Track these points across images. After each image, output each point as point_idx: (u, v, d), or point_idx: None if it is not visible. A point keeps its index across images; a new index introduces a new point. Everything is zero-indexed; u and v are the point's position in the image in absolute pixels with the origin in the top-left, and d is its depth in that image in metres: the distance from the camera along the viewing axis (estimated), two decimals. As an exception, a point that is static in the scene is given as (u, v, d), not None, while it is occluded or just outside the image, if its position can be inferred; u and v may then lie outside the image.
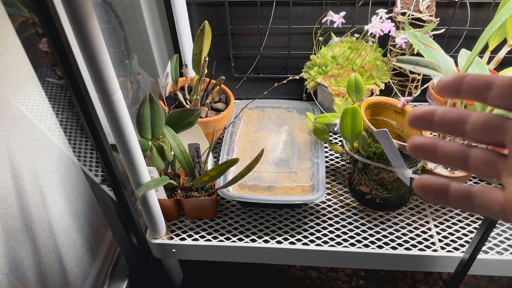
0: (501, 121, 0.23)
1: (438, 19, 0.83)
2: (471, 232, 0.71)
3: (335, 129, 0.91)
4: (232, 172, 0.78)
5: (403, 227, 0.72)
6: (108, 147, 0.53)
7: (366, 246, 0.69)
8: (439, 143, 0.24)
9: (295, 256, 0.71)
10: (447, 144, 0.24)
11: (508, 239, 0.69)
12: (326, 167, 0.85)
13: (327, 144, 0.81)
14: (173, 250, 0.72)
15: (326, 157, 0.87)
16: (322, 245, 0.69)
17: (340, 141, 0.91)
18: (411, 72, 0.88)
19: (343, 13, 0.80)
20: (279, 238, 0.71)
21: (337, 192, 0.79)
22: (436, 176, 0.25)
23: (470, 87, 0.23)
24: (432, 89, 0.90)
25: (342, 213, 0.75)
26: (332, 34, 0.91)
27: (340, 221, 0.74)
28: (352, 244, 0.69)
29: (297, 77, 0.84)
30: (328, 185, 0.81)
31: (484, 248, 0.68)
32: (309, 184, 0.73)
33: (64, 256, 0.68)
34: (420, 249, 0.68)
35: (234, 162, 0.64)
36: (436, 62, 0.58)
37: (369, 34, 0.79)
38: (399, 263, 0.69)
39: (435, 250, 0.68)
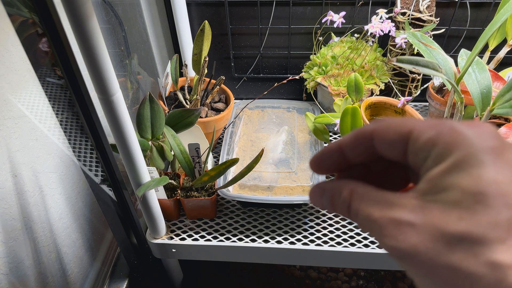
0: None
1: (438, 19, 0.83)
2: (471, 232, 0.71)
3: (335, 129, 0.91)
4: (232, 172, 0.78)
5: (403, 227, 0.72)
6: (108, 147, 0.53)
7: (366, 246, 0.69)
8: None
9: (295, 256, 0.71)
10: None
11: (508, 239, 0.69)
12: (326, 167, 0.85)
13: (327, 144, 0.81)
14: (173, 250, 0.72)
15: (326, 157, 0.87)
16: (322, 245, 0.69)
17: (340, 141, 0.91)
18: (411, 72, 0.88)
19: (343, 13, 0.80)
20: (279, 238, 0.71)
21: (337, 192, 0.79)
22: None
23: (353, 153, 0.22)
24: (432, 89, 0.90)
25: (342, 213, 0.75)
26: (332, 34, 0.91)
27: (340, 221, 0.74)
28: (352, 244, 0.69)
29: (297, 77, 0.84)
30: (328, 185, 0.81)
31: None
32: (309, 184, 0.73)
33: (64, 256, 0.68)
34: (420, 249, 0.68)
35: (234, 162, 0.64)
36: (436, 62, 0.58)
37: (369, 34, 0.79)
38: (399, 263, 0.69)
39: (435, 250, 0.68)
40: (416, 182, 0.21)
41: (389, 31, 0.79)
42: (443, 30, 0.88)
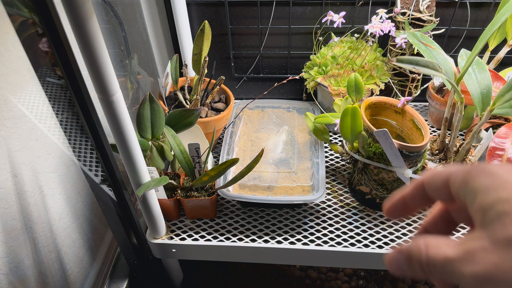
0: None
1: (438, 19, 0.83)
2: (471, 232, 0.71)
3: (335, 129, 0.91)
4: (232, 172, 0.78)
5: (403, 227, 0.72)
6: (108, 147, 0.53)
7: (366, 246, 0.69)
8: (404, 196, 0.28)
9: (295, 256, 0.71)
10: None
11: (508, 239, 0.69)
12: (326, 167, 0.85)
13: (327, 144, 0.81)
14: (173, 250, 0.72)
15: (326, 157, 0.87)
16: (322, 245, 0.69)
17: (340, 141, 0.91)
18: (411, 72, 0.88)
19: (343, 13, 0.80)
20: (279, 238, 0.71)
21: (337, 192, 0.79)
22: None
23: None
24: (432, 89, 0.90)
25: (342, 213, 0.75)
26: (332, 34, 0.91)
27: (340, 221, 0.74)
28: (352, 244, 0.69)
29: (297, 77, 0.84)
30: (328, 185, 0.81)
31: (484, 248, 0.68)
32: (309, 184, 0.73)
33: (64, 256, 0.68)
34: (420, 249, 0.68)
35: (234, 162, 0.64)
36: (436, 62, 0.58)
37: (369, 34, 0.79)
38: (399, 263, 0.69)
39: (435, 250, 0.68)
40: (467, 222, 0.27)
41: (389, 31, 0.79)
42: (443, 30, 0.88)
